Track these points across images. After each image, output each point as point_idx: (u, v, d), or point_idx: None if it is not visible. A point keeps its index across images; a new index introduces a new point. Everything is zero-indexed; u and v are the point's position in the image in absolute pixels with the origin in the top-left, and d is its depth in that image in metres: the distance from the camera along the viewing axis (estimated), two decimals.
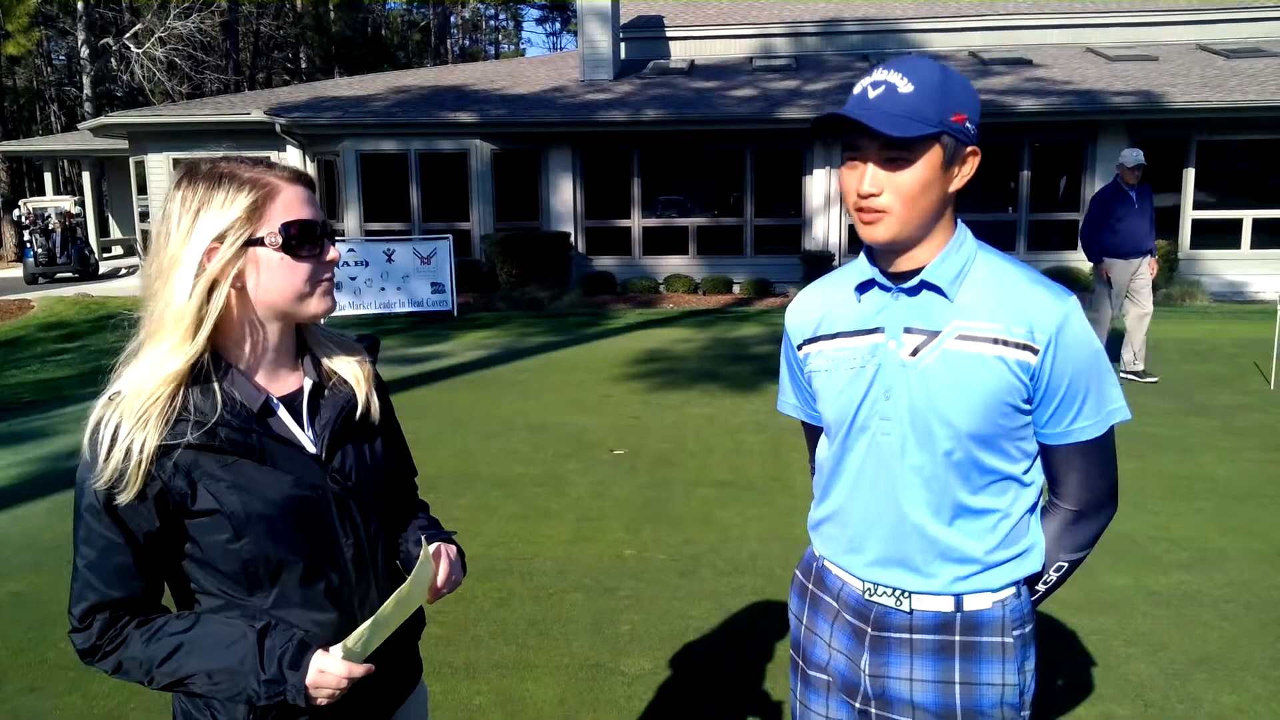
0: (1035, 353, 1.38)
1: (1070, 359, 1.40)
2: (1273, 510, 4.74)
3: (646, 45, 18.05)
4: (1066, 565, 1.52)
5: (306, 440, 1.35)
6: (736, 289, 14.39)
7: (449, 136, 14.37)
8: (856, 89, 1.40)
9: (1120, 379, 7.46)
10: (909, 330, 1.43)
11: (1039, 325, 1.39)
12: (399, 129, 14.28)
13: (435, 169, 14.54)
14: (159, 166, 15.54)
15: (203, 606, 1.34)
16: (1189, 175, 13.81)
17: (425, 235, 13.51)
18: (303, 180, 1.33)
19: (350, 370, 1.43)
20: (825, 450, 1.59)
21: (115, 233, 24.76)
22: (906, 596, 1.47)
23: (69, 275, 19.23)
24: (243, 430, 1.28)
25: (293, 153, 14.85)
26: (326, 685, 1.28)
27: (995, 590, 1.46)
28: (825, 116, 1.37)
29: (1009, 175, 14.37)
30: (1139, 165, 7.36)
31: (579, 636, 3.59)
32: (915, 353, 1.42)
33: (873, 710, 1.51)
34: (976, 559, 1.44)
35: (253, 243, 1.28)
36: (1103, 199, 7.59)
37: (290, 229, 1.29)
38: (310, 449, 1.35)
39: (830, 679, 1.57)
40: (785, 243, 14.71)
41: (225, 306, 1.28)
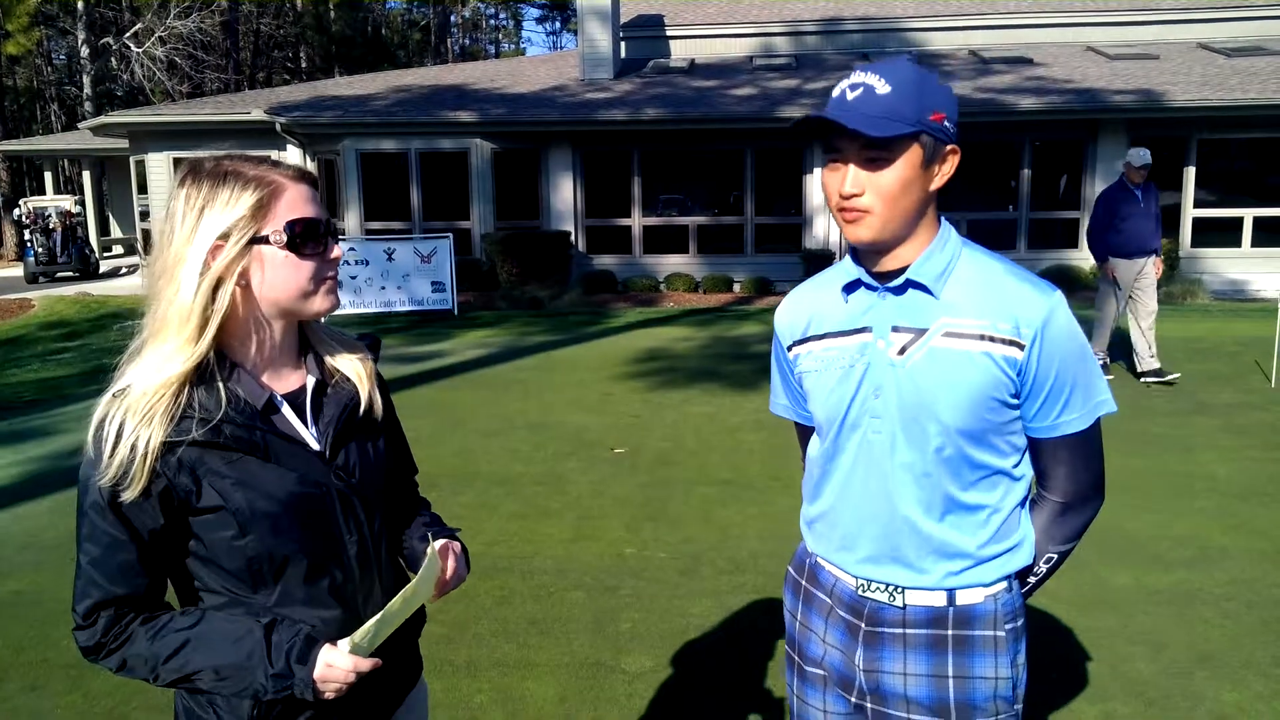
0: (1021, 348, 1.40)
1: (1056, 353, 1.41)
2: (1274, 508, 4.74)
3: (647, 44, 18.05)
4: (1056, 557, 1.54)
5: (310, 437, 1.36)
6: (737, 288, 14.39)
7: (449, 135, 14.37)
8: (835, 91, 1.42)
9: (1142, 382, 7.36)
10: (896, 329, 1.45)
11: (1024, 321, 1.40)
12: (399, 128, 14.28)
13: (436, 168, 14.53)
14: (159, 166, 15.54)
15: (206, 604, 1.34)
16: (1189, 174, 13.81)
17: (426, 234, 13.50)
18: (307, 178, 1.34)
19: (353, 368, 1.43)
20: (816, 449, 1.61)
21: (115, 232, 24.76)
22: (899, 592, 1.49)
23: (69, 274, 19.24)
24: (247, 427, 1.28)
25: (293, 152, 14.84)
26: (334, 679, 1.28)
27: (987, 585, 1.48)
28: (805, 119, 1.39)
29: (1009, 174, 14.36)
30: (1145, 165, 7.29)
31: (580, 635, 3.59)
32: (903, 351, 1.44)
33: (868, 705, 1.53)
34: (968, 554, 1.46)
35: (257, 241, 1.28)
36: (1108, 198, 7.52)
37: (295, 227, 1.29)
38: (314, 446, 1.35)
39: (826, 674, 1.59)
40: (786, 241, 14.72)
41: (230, 304, 1.28)
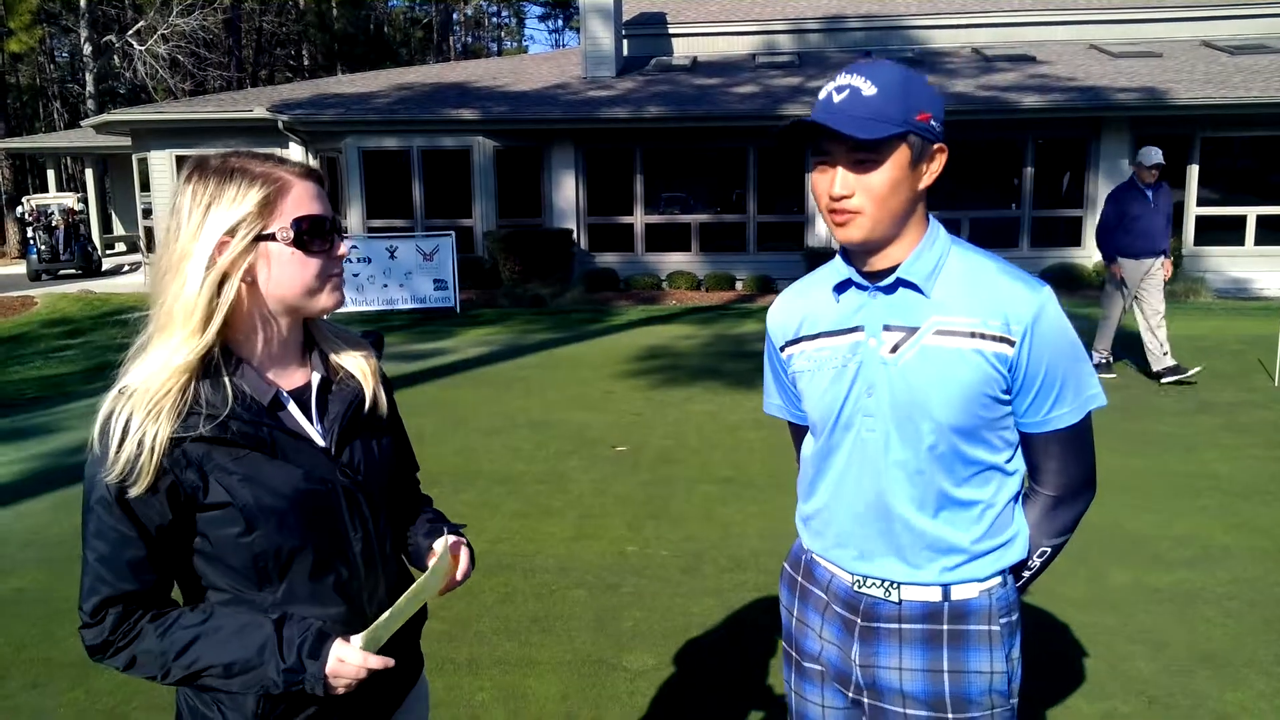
0: (1012, 344, 1.41)
1: (1046, 349, 1.42)
2: (1276, 507, 4.74)
3: (649, 42, 18.04)
4: (1050, 550, 1.55)
5: (316, 434, 1.36)
6: (739, 286, 14.39)
7: (452, 133, 14.37)
8: (822, 94, 1.43)
9: (1163, 384, 7.28)
10: (888, 327, 1.46)
11: (1014, 317, 1.41)
12: (401, 126, 14.28)
13: (438, 166, 14.53)
14: (162, 163, 15.55)
15: (211, 602, 1.34)
16: (1193, 172, 13.79)
17: (428, 232, 13.51)
18: (313, 176, 1.34)
19: (357, 365, 1.43)
20: (810, 448, 1.62)
21: (118, 229, 24.76)
22: (895, 588, 1.50)
23: (72, 272, 19.27)
24: (254, 423, 1.29)
25: (295, 150, 14.85)
26: (345, 674, 1.28)
27: (982, 580, 1.49)
28: (793, 124, 1.39)
29: (1012, 172, 14.35)
30: (1157, 164, 7.22)
31: (581, 632, 3.59)
32: (895, 349, 1.45)
33: (865, 699, 1.54)
34: (963, 549, 1.47)
35: (264, 237, 1.28)
36: (1117, 197, 7.46)
37: (302, 224, 1.30)
38: (320, 443, 1.35)
39: (823, 669, 1.60)
40: (788, 240, 14.71)
41: (235, 301, 1.28)
